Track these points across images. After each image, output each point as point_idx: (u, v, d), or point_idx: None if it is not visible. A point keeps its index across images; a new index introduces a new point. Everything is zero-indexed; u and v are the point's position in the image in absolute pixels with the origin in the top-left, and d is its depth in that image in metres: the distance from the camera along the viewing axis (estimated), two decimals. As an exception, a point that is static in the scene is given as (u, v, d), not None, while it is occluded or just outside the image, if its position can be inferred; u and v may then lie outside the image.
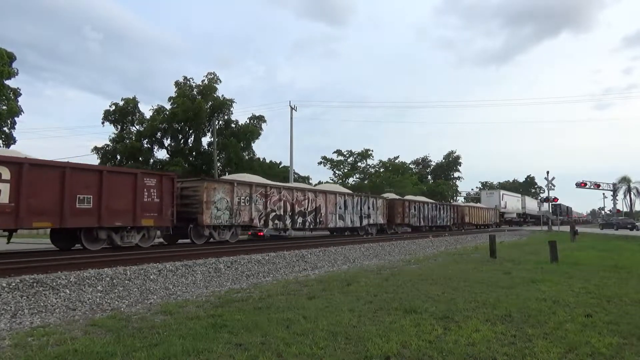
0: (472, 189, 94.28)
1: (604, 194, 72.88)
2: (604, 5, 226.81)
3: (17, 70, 32.22)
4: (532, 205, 66.38)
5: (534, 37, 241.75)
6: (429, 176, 78.00)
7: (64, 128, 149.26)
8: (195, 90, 44.79)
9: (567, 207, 66.66)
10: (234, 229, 16.78)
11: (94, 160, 42.05)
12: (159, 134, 44.77)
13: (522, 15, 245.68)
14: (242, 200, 16.85)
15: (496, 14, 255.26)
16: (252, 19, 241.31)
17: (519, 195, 65.08)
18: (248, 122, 47.10)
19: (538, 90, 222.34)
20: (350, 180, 58.53)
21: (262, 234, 21.64)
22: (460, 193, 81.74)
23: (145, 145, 44.72)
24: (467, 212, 40.50)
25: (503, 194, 55.78)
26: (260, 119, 47.78)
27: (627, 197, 76.19)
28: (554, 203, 55.05)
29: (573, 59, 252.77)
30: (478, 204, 50.05)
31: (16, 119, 33.01)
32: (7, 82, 31.36)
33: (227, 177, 21.39)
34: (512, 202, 57.64)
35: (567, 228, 35.42)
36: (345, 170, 61.90)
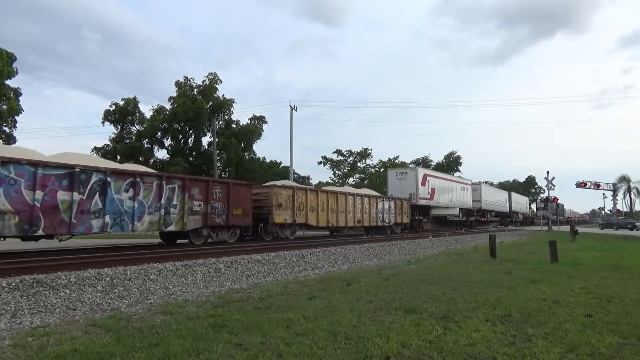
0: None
1: (604, 194, 73.00)
2: (599, 6, 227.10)
3: (17, 69, 32.23)
4: (495, 197, 50.05)
5: (530, 38, 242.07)
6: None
7: (63, 128, 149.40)
8: (195, 90, 44.80)
9: (559, 204, 52.84)
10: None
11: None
12: (159, 134, 44.79)
13: (517, 16, 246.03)
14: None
15: (492, 15, 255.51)
16: (250, 19, 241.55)
17: (465, 181, 42.62)
18: (249, 122, 47.12)
19: (537, 91, 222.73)
20: (350, 180, 58.50)
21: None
22: None
23: (146, 145, 44.74)
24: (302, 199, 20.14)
25: (427, 176, 33.05)
26: (261, 119, 47.82)
27: (627, 197, 76.26)
28: (543, 199, 51.23)
29: (571, 60, 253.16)
30: (362, 190, 27.74)
31: (16, 117, 33.03)
32: (7, 82, 31.37)
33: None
34: (449, 190, 36.27)
35: (566, 228, 35.40)
36: (345, 170, 61.88)
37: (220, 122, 45.00)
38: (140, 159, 42.57)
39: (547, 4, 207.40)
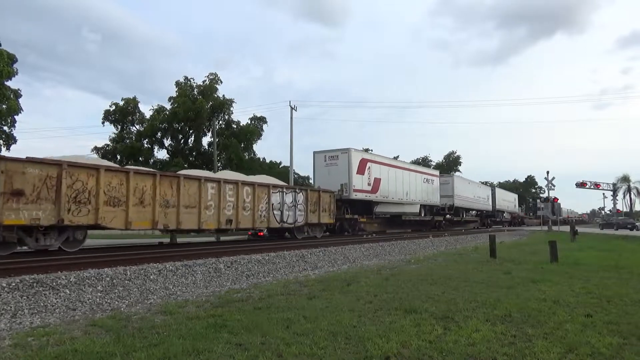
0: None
1: (604, 194, 72.92)
2: (598, 6, 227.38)
3: (17, 69, 32.23)
4: (473, 193, 41.68)
5: (529, 38, 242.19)
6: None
7: (63, 128, 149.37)
8: (195, 90, 44.81)
9: (554, 203, 48.52)
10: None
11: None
12: (159, 134, 44.81)
13: (515, 17, 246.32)
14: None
15: (490, 15, 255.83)
16: (250, 20, 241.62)
17: (431, 172, 34.39)
18: (249, 122, 47.13)
19: (537, 91, 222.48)
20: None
21: (262, 234, 21.61)
22: None
23: (146, 145, 44.76)
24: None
25: (368, 162, 24.57)
26: (262, 120, 47.82)
27: (627, 197, 76.26)
28: (538, 197, 48.96)
29: (570, 60, 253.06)
30: (253, 178, 20.18)
31: (16, 117, 33.04)
32: (7, 82, 31.37)
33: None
34: (403, 182, 28.24)
35: (566, 228, 35.40)
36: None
37: (221, 122, 45.02)
38: (140, 159, 42.60)
39: (545, 4, 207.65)
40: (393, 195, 26.83)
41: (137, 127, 45.51)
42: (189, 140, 46.11)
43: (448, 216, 36.64)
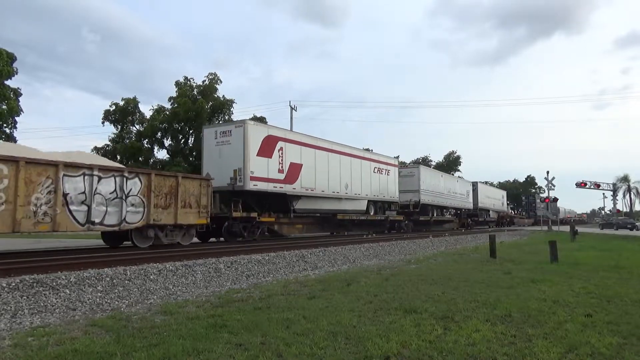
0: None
1: (603, 194, 72.90)
2: (596, 6, 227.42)
3: (17, 69, 32.24)
4: (448, 188, 35.75)
5: (528, 38, 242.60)
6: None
7: (63, 128, 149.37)
8: (195, 90, 44.80)
9: (551, 203, 45.06)
10: None
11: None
12: (159, 134, 44.79)
13: (513, 17, 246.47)
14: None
15: (488, 15, 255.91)
16: (249, 20, 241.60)
17: (386, 160, 27.30)
18: (249, 122, 47.01)
19: (537, 91, 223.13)
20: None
21: None
22: None
23: (146, 145, 44.74)
24: None
25: (278, 140, 18.39)
26: (262, 120, 47.79)
27: (627, 197, 76.28)
28: (529, 195, 45.09)
29: (570, 60, 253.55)
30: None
31: (17, 118, 33.05)
32: (7, 82, 31.37)
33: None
34: (340, 170, 22.29)
35: (566, 228, 35.42)
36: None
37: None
38: (140, 159, 42.59)
39: (543, 4, 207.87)
40: (323, 187, 20.84)
41: (137, 127, 45.49)
42: (189, 141, 46.07)
43: (411, 214, 30.09)
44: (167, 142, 45.80)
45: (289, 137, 19.34)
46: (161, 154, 46.15)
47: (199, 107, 42.21)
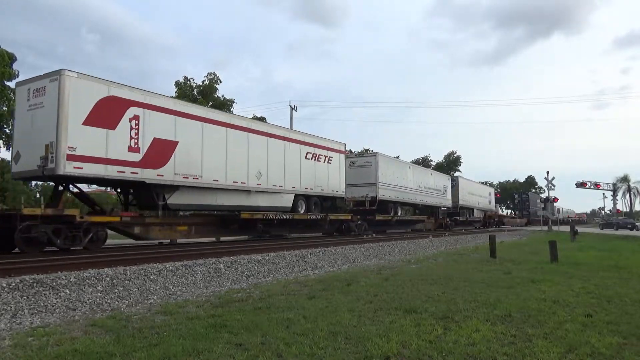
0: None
1: (604, 194, 72.89)
2: (595, 6, 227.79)
3: (18, 72, 32.22)
4: (419, 182, 30.90)
5: (527, 38, 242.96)
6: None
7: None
8: (195, 90, 44.79)
9: (548, 203, 42.02)
10: None
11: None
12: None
13: (512, 17, 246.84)
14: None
15: (487, 15, 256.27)
16: (248, 20, 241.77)
17: (328, 145, 21.55)
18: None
19: (537, 91, 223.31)
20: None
21: None
22: None
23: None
24: None
25: (134, 108, 12.72)
26: (262, 120, 47.77)
27: (627, 197, 76.28)
28: (523, 193, 42.29)
29: (569, 60, 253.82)
30: None
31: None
32: (7, 83, 31.35)
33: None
34: (243, 152, 16.35)
35: (566, 228, 35.43)
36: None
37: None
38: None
39: (542, 4, 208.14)
40: (217, 175, 15.41)
41: (137, 127, 45.47)
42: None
43: (366, 212, 24.93)
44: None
45: (150, 102, 13.42)
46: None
47: (199, 107, 42.19)
